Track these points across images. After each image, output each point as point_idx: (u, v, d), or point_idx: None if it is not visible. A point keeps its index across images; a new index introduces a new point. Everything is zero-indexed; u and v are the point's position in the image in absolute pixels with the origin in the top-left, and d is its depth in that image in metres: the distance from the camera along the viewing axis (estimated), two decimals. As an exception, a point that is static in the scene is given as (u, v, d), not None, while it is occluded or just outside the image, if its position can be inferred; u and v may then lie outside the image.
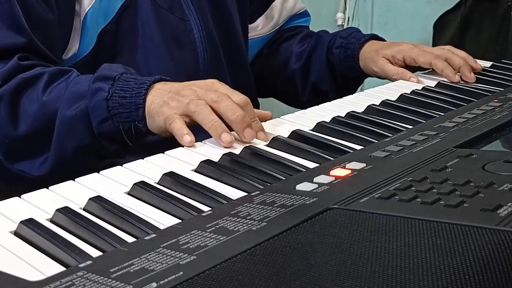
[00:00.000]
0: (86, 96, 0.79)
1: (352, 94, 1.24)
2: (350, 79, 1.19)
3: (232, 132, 0.73)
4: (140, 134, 0.79)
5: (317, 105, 0.92)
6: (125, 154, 0.83)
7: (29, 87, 0.84)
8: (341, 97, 1.22)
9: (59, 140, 0.81)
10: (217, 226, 0.48)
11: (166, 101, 0.76)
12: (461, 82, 1.06)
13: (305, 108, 0.91)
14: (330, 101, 0.95)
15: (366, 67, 1.13)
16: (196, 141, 0.73)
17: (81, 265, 0.43)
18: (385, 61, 1.11)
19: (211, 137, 0.73)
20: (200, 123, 0.73)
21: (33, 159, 0.85)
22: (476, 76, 1.07)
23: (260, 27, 1.22)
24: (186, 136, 0.72)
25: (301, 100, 1.25)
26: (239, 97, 0.76)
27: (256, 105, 1.19)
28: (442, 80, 1.05)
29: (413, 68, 1.11)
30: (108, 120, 0.78)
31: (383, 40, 1.19)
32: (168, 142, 0.74)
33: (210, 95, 0.74)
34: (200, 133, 0.74)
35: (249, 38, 1.20)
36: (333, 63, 1.17)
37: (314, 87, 1.21)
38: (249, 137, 0.72)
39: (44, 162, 0.84)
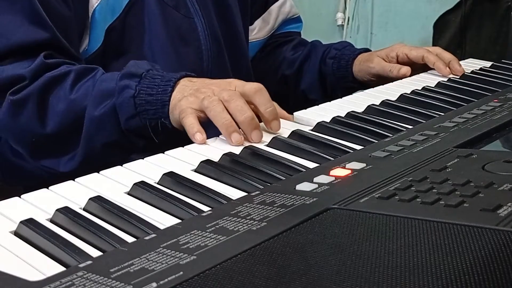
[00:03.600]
0: (114, 94, 0.81)
1: None
2: (340, 90, 1.21)
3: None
4: (167, 130, 0.80)
5: None
6: (154, 148, 0.84)
7: (56, 85, 0.84)
8: None
9: (88, 137, 0.83)
10: (217, 226, 0.48)
11: (186, 96, 0.78)
12: (460, 80, 1.06)
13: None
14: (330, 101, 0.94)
15: (361, 69, 1.15)
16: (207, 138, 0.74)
17: (81, 265, 0.43)
18: (381, 59, 1.13)
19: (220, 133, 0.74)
20: (212, 119, 0.74)
21: (60, 156, 0.86)
22: (476, 76, 1.08)
23: (256, 31, 1.23)
24: (198, 134, 0.73)
25: (289, 106, 1.26)
26: (252, 85, 0.78)
27: None
28: (442, 80, 1.05)
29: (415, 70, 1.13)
30: (135, 117, 0.80)
31: None
32: (168, 142, 0.74)
33: (223, 94, 0.75)
34: (212, 130, 0.75)
35: (250, 40, 1.21)
36: (325, 73, 1.20)
37: (303, 94, 1.23)
38: (256, 139, 0.73)
39: (72, 159, 0.85)
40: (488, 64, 1.19)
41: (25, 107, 0.84)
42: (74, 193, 0.59)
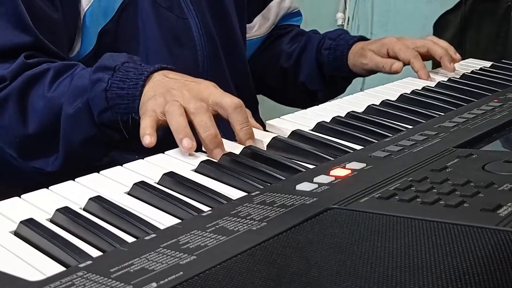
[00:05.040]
0: (87, 89, 0.79)
1: (340, 93, 1.26)
2: (339, 79, 1.22)
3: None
4: (138, 125, 0.77)
5: (305, 104, 0.92)
6: (133, 143, 0.83)
7: (35, 83, 0.84)
8: (329, 96, 1.24)
9: (66, 135, 0.82)
10: (217, 226, 0.48)
11: (155, 96, 0.75)
12: (460, 80, 1.06)
13: (293, 106, 0.91)
14: (329, 101, 0.95)
15: (355, 64, 1.15)
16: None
17: (81, 265, 0.43)
18: (373, 53, 1.13)
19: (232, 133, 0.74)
20: (169, 123, 0.71)
21: (47, 156, 0.85)
22: (476, 76, 1.08)
23: (256, 28, 1.23)
24: (146, 137, 0.70)
25: (289, 98, 1.28)
26: (232, 100, 0.74)
27: (256, 104, 1.19)
28: (442, 80, 1.05)
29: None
30: (108, 110, 0.78)
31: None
32: (168, 142, 0.74)
33: (191, 104, 0.72)
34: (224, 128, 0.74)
35: (249, 38, 1.21)
36: (322, 64, 1.20)
37: (303, 86, 1.23)
38: (217, 156, 0.69)
39: (57, 158, 0.84)
40: (488, 64, 1.19)
41: (5, 107, 0.83)
42: (74, 193, 0.59)
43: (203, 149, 0.71)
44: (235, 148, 0.71)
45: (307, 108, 0.89)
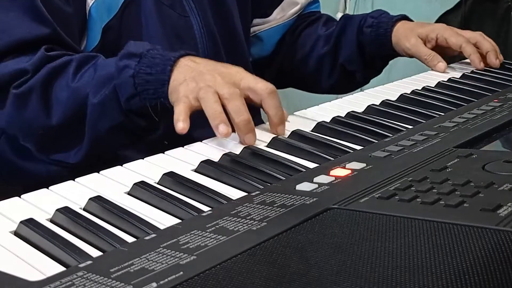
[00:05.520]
0: (114, 77, 0.79)
1: (377, 75, 1.25)
2: (378, 59, 1.20)
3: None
4: (167, 110, 0.78)
5: (341, 89, 0.88)
6: (158, 129, 0.83)
7: (58, 75, 0.84)
8: (367, 78, 1.23)
9: (91, 124, 0.82)
10: (217, 226, 0.48)
11: (186, 81, 0.76)
12: (460, 80, 1.06)
13: (329, 93, 0.90)
14: (331, 101, 0.94)
15: (398, 43, 1.14)
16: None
17: (81, 265, 0.43)
18: (419, 40, 1.12)
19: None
20: (204, 110, 0.72)
21: (69, 148, 0.85)
22: (476, 76, 1.08)
23: (278, 17, 1.22)
24: (179, 123, 0.71)
25: (325, 84, 1.25)
26: (266, 85, 0.75)
27: None
28: (442, 80, 1.05)
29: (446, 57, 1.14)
30: (136, 97, 0.78)
31: (412, 21, 1.20)
32: (169, 142, 0.74)
33: (225, 89, 0.73)
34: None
35: (269, 27, 1.21)
36: (364, 43, 1.18)
37: (342, 68, 1.21)
38: (249, 142, 0.72)
39: (80, 149, 0.84)
40: (488, 64, 1.19)
41: (29, 99, 0.83)
42: (74, 193, 0.59)
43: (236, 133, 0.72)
44: (235, 148, 0.71)
45: (346, 94, 0.89)
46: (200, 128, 0.75)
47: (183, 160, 0.68)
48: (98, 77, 0.81)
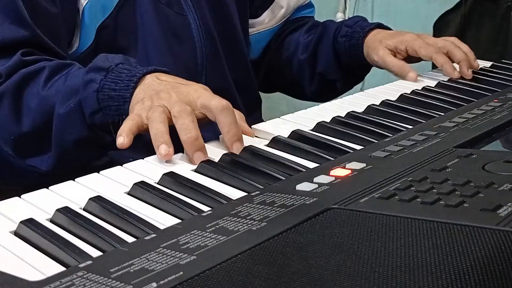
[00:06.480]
0: (79, 89, 0.78)
1: (359, 82, 1.23)
2: (356, 68, 1.19)
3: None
4: None
5: (324, 97, 0.89)
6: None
7: (30, 81, 0.83)
8: (349, 86, 1.21)
9: (58, 135, 0.81)
10: (217, 226, 0.48)
11: (144, 99, 0.74)
12: (460, 80, 1.05)
13: (313, 100, 0.90)
14: (330, 101, 0.95)
15: (368, 56, 1.13)
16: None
17: (81, 265, 0.43)
18: (387, 51, 1.10)
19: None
20: (149, 129, 0.70)
21: (42, 154, 0.84)
22: (476, 76, 1.07)
23: (267, 21, 1.22)
24: (120, 137, 0.69)
25: (308, 92, 1.24)
26: (219, 102, 0.72)
27: (258, 102, 1.19)
28: (442, 80, 1.05)
29: (414, 59, 1.11)
30: (99, 112, 0.77)
31: (388, 29, 1.18)
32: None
33: (176, 107, 0.71)
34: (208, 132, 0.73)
35: (257, 32, 1.20)
36: (339, 52, 1.17)
37: (321, 76, 1.21)
38: (198, 160, 0.68)
39: (50, 157, 0.83)
40: (488, 64, 1.19)
41: (1, 104, 0.82)
42: (74, 193, 0.59)
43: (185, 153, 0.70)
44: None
45: (327, 102, 0.88)
46: (201, 129, 0.75)
47: (183, 160, 0.68)
48: (66, 87, 0.80)
